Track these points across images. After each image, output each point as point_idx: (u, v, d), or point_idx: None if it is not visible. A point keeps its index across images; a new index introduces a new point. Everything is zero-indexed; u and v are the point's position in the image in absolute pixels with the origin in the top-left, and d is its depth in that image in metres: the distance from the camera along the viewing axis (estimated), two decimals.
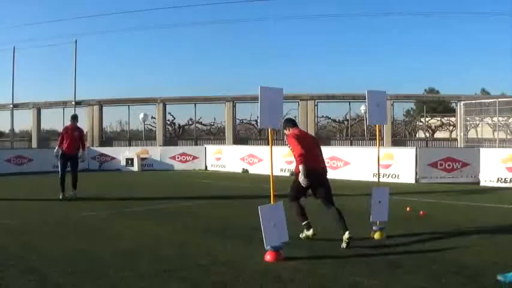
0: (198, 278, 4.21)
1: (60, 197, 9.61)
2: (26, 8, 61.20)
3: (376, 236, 5.79)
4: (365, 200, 6.93)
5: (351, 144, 22.29)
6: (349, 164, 14.21)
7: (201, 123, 26.57)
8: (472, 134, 19.09)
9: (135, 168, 18.20)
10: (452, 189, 11.15)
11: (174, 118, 26.26)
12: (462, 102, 18.82)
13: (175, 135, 26.24)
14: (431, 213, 7.62)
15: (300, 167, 5.34)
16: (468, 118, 17.81)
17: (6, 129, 28.42)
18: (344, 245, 5.23)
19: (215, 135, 26.32)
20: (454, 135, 24.20)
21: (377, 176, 6.55)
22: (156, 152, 19.16)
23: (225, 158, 18.01)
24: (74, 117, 10.57)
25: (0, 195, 10.51)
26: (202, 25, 76.94)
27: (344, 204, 8.93)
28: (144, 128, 24.91)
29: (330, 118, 26.79)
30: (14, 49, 26.23)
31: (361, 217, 6.40)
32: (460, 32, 63.95)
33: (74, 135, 10.08)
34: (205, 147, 19.37)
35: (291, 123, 5.92)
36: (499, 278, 3.86)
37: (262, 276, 4.23)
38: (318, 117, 23.66)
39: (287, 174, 15.39)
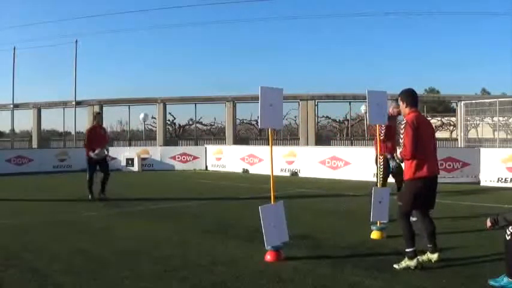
0: (198, 278, 4.21)
1: (90, 197, 9.62)
2: (26, 8, 61.28)
3: (376, 236, 5.79)
4: (365, 200, 6.93)
5: (351, 144, 22.29)
6: (349, 164, 14.20)
7: (201, 123, 26.59)
8: (472, 134, 19.07)
9: (136, 168, 18.19)
10: (453, 189, 11.13)
11: (175, 118, 26.31)
12: (462, 102, 18.80)
13: (176, 135, 26.25)
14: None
15: None
16: (468, 118, 17.79)
17: (6, 129, 28.47)
18: None
19: (215, 135, 26.33)
20: (454, 135, 24.19)
21: (377, 176, 6.54)
22: (157, 152, 19.16)
23: (226, 158, 18.00)
24: (98, 113, 10.43)
25: (0, 195, 10.52)
26: (203, 25, 76.97)
27: (344, 204, 8.96)
28: (145, 128, 24.92)
29: (330, 118, 26.80)
30: (14, 49, 26.29)
31: (361, 217, 6.41)
32: (461, 31, 64.02)
33: (101, 134, 9.89)
34: (206, 147, 19.37)
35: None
36: (491, 282, 3.84)
37: (262, 276, 4.23)
38: (318, 117, 23.67)
39: (287, 174, 15.40)
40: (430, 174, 4.50)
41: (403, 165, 4.76)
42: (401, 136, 4.58)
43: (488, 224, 3.98)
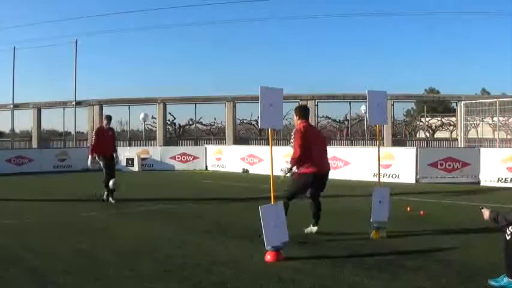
0: (198, 278, 4.21)
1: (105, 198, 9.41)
2: (26, 8, 61.27)
3: (376, 236, 5.79)
4: (365, 200, 6.93)
5: (351, 144, 22.29)
6: (349, 164, 14.20)
7: (201, 123, 26.61)
8: (472, 133, 19.07)
9: (136, 168, 18.19)
10: (452, 189, 11.14)
11: (175, 118, 26.33)
12: (462, 102, 18.81)
13: (176, 135, 26.26)
14: (431, 213, 7.62)
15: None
16: (468, 118, 17.79)
17: (6, 129, 28.45)
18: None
19: (215, 135, 26.34)
20: (454, 135, 24.20)
21: (377, 176, 6.54)
22: (157, 152, 19.16)
23: (226, 158, 18.01)
24: (109, 118, 10.19)
25: (0, 195, 10.51)
26: (203, 25, 77.03)
27: (344, 204, 8.96)
28: (145, 128, 24.93)
29: (330, 118, 26.82)
30: (14, 49, 26.30)
31: (361, 217, 6.41)
32: (461, 31, 64.03)
33: (109, 135, 9.80)
34: (206, 147, 19.37)
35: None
36: (491, 282, 3.84)
37: (262, 276, 4.23)
38: (318, 117, 23.65)
39: (287, 174, 15.38)
40: (317, 171, 5.82)
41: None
42: (292, 142, 5.80)
43: (486, 216, 3.96)
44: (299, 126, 5.84)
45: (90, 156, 9.61)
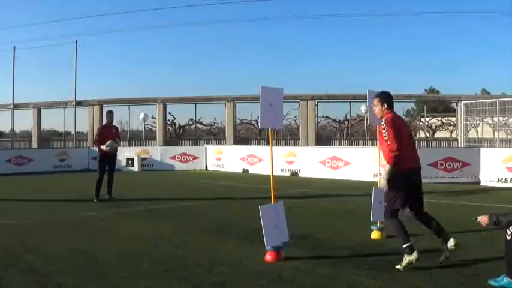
0: (198, 278, 4.21)
1: (95, 200, 9.42)
2: (26, 8, 61.29)
3: (376, 236, 5.79)
4: (365, 200, 6.93)
5: (352, 144, 22.30)
6: (349, 164, 14.19)
7: (201, 123, 26.62)
8: (472, 134, 19.06)
9: (136, 168, 18.19)
10: (452, 189, 11.14)
11: (175, 118, 26.34)
12: (462, 102, 18.79)
13: (176, 135, 26.26)
14: (432, 213, 7.60)
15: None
16: (468, 118, 17.78)
17: (6, 129, 28.47)
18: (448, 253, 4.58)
19: (215, 135, 26.35)
20: (454, 135, 24.20)
21: (377, 176, 6.54)
22: (157, 152, 19.16)
23: (226, 158, 18.00)
24: (111, 113, 10.12)
25: (0, 195, 10.51)
26: (203, 25, 77.03)
27: (344, 204, 8.96)
28: (145, 128, 24.92)
29: (330, 118, 26.83)
30: (14, 49, 26.31)
31: (361, 217, 6.41)
32: (461, 31, 64.01)
33: (112, 133, 9.74)
34: (206, 147, 19.37)
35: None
36: (491, 282, 3.84)
37: (262, 276, 4.23)
38: (318, 117, 23.65)
39: (287, 174, 15.40)
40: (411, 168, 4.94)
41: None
42: (384, 135, 4.65)
43: (485, 222, 3.98)
44: (388, 116, 4.75)
45: (101, 147, 9.54)
